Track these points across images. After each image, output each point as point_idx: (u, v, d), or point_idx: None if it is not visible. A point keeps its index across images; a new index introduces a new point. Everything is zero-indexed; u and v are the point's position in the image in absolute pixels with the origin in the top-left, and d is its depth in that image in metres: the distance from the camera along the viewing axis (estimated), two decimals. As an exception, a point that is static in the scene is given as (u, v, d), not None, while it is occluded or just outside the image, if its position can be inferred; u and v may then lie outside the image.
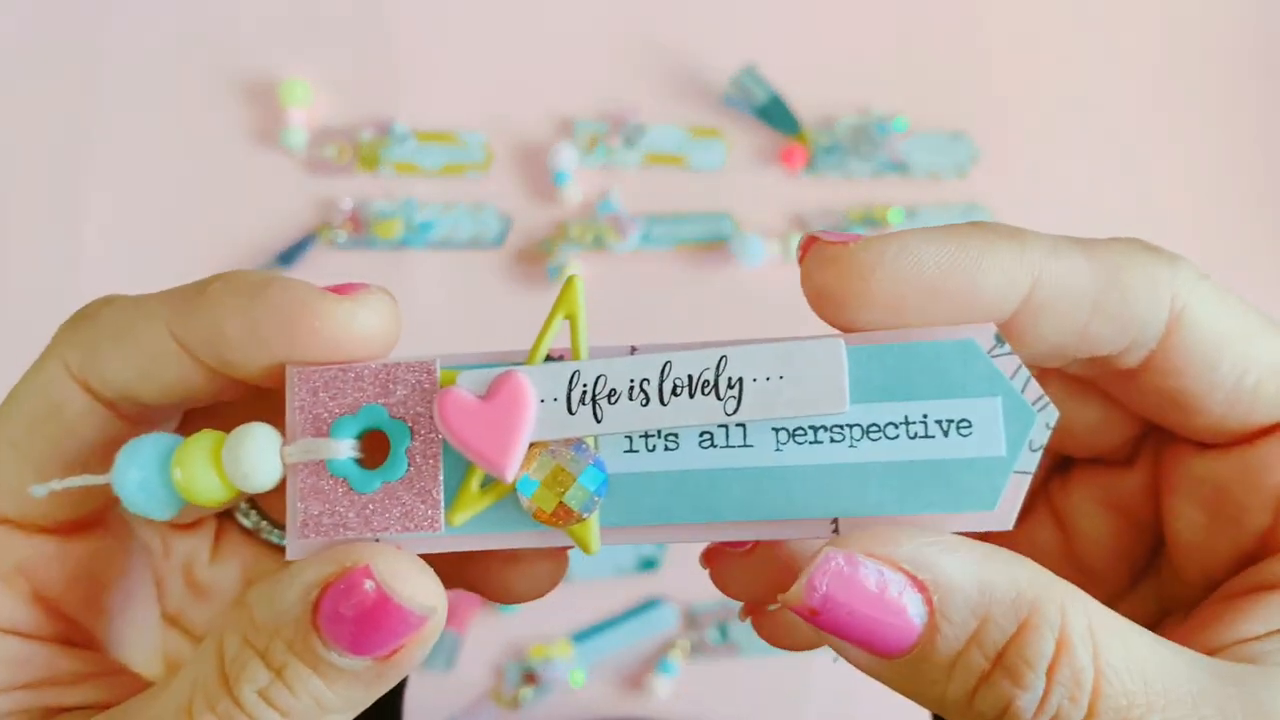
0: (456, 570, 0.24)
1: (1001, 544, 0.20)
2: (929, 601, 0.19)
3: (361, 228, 0.54)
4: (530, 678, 0.53)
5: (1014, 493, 0.20)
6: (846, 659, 0.20)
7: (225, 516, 0.28)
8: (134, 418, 0.23)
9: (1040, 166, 0.57)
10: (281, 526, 0.27)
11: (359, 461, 0.21)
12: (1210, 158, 0.58)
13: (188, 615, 0.27)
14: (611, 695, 0.54)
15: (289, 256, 0.53)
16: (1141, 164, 0.58)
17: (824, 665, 0.53)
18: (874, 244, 0.21)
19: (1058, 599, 0.19)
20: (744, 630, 0.53)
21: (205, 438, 0.21)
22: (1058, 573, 0.20)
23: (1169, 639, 0.20)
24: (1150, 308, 0.21)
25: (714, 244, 0.55)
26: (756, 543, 0.24)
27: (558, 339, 0.22)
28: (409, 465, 0.21)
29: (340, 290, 0.21)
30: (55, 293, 0.53)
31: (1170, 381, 0.22)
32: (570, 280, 0.21)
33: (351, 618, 0.20)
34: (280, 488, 0.22)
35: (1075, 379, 0.25)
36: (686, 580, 0.54)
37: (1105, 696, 0.19)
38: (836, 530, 0.21)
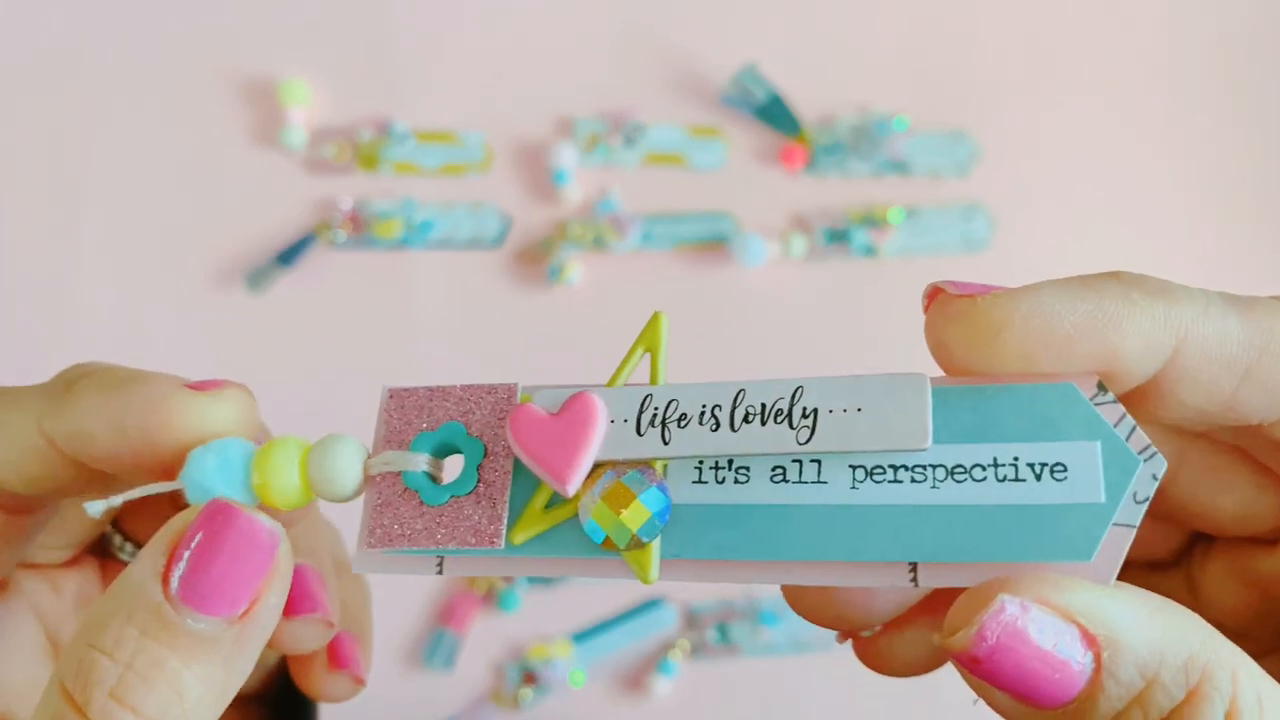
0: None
1: None
2: (1098, 657, 0.18)
3: (361, 227, 0.54)
4: (530, 678, 0.53)
5: (1114, 546, 0.18)
6: (991, 705, 0.19)
7: (106, 556, 0.28)
8: (9, 507, 0.23)
9: (1040, 166, 0.57)
10: None
11: (432, 477, 0.22)
12: (1212, 158, 0.58)
13: None
14: (611, 695, 0.54)
15: (289, 256, 0.53)
16: (1143, 164, 0.58)
17: (824, 666, 0.53)
18: (1005, 301, 0.19)
19: (1229, 666, 0.18)
20: (744, 630, 0.53)
21: (288, 443, 0.22)
22: None
23: None
24: None
25: (714, 244, 0.55)
26: (894, 622, 0.24)
27: (638, 374, 0.22)
28: (479, 481, 0.21)
29: (199, 386, 0.22)
30: (54, 293, 0.53)
31: None
32: (655, 316, 0.21)
33: (200, 548, 0.19)
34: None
35: (1222, 459, 0.23)
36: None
37: None
38: (914, 577, 0.19)
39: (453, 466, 0.22)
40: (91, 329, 0.53)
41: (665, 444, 0.20)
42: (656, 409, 0.21)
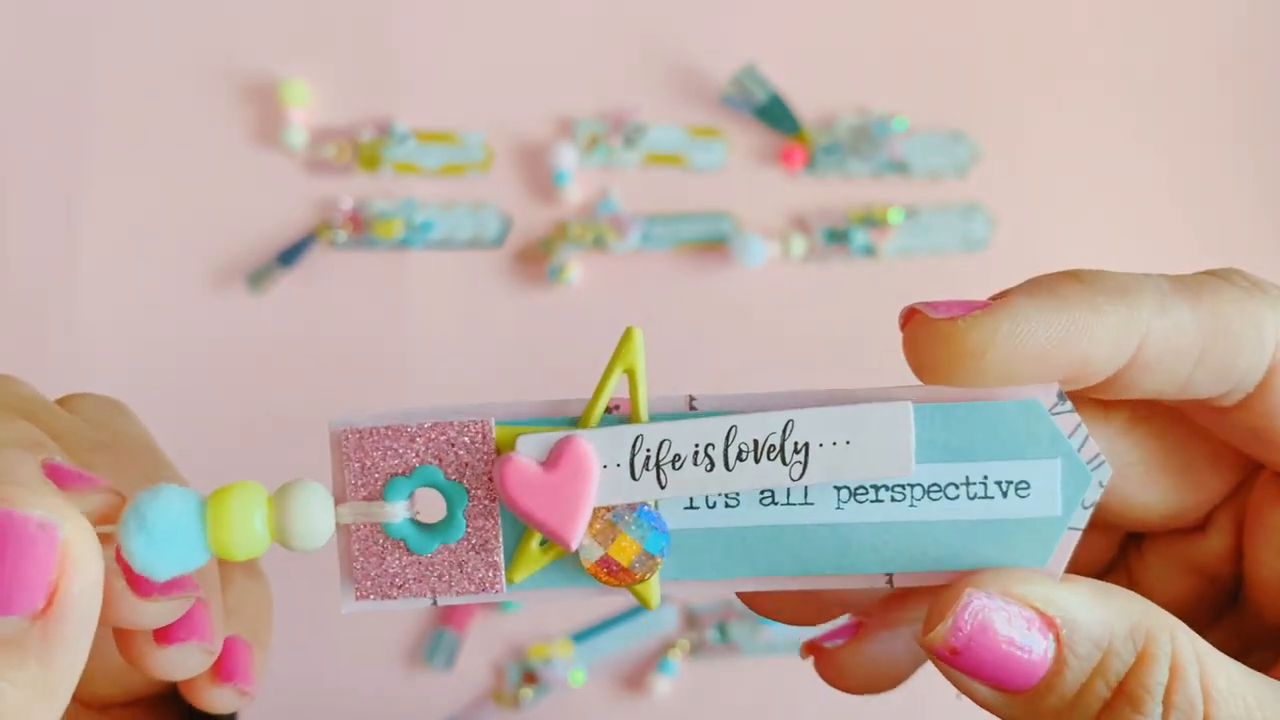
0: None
1: None
2: (1058, 638, 0.20)
3: (361, 228, 0.54)
4: (530, 678, 0.53)
5: (1064, 548, 0.21)
6: (971, 697, 0.21)
7: None
8: None
9: (1040, 166, 0.57)
10: None
11: (414, 521, 0.21)
12: (1210, 158, 0.58)
13: None
14: (611, 695, 0.54)
15: (289, 256, 0.53)
16: (1142, 163, 0.58)
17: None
18: (986, 322, 0.21)
19: (1167, 628, 0.20)
20: (744, 630, 0.53)
21: (247, 490, 0.20)
22: None
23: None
24: (1254, 357, 0.22)
25: (714, 244, 0.55)
26: (856, 631, 0.25)
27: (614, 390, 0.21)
28: (467, 527, 0.21)
29: (62, 481, 0.20)
30: (54, 294, 0.53)
31: (1263, 421, 0.23)
32: (629, 333, 0.21)
33: None
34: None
35: (1151, 465, 0.25)
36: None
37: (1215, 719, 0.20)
38: (891, 585, 0.21)
39: (425, 500, 0.21)
40: (91, 329, 0.53)
41: (662, 488, 0.21)
42: (649, 451, 0.20)
